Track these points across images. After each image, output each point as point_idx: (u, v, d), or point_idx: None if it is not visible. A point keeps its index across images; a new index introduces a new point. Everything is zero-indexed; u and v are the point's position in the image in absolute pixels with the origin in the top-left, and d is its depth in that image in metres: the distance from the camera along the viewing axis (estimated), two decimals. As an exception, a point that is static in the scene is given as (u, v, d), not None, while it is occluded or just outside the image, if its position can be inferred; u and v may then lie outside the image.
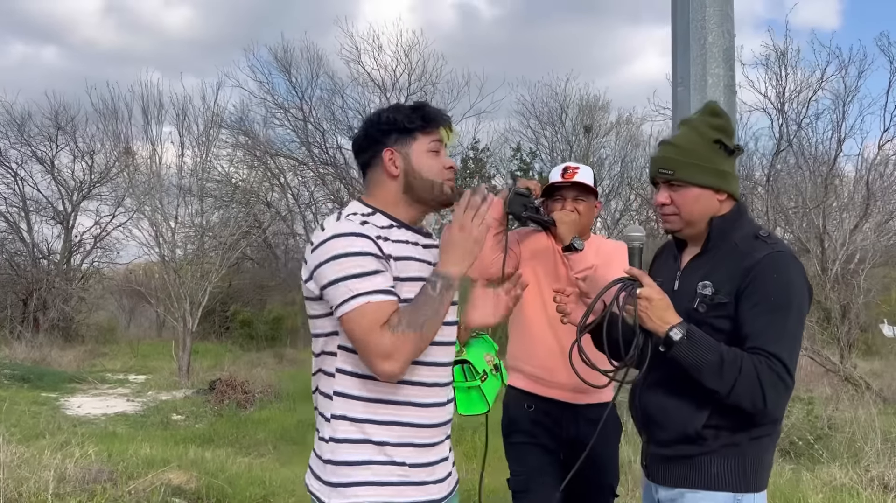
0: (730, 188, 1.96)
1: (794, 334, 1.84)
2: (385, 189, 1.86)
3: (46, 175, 20.56)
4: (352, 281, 1.68)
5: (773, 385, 1.78)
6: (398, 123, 1.84)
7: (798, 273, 1.87)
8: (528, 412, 2.75)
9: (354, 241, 1.71)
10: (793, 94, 13.11)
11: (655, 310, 1.86)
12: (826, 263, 11.66)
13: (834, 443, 5.61)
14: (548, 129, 19.02)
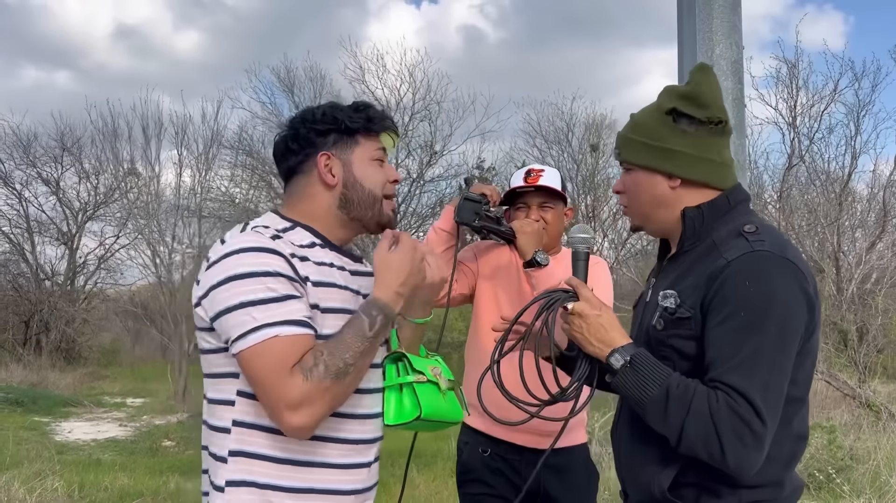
0: (678, 170, 1.50)
1: (773, 364, 1.34)
2: (315, 201, 1.53)
3: (51, 196, 20.56)
4: (255, 308, 1.33)
5: (733, 431, 1.31)
6: (339, 123, 1.53)
7: (784, 280, 1.37)
8: (483, 457, 2.34)
9: (261, 258, 1.37)
10: (804, 108, 12.81)
11: (592, 329, 1.47)
12: (841, 283, 11.29)
13: (856, 476, 5.24)
14: (554, 147, 18.80)
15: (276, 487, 1.39)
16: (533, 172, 2.39)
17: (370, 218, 1.55)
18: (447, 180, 18.22)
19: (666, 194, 1.53)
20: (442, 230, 2.30)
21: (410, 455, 1.85)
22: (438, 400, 1.54)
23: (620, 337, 1.47)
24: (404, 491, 1.80)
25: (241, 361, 1.35)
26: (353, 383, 1.39)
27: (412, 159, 17.86)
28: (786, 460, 1.46)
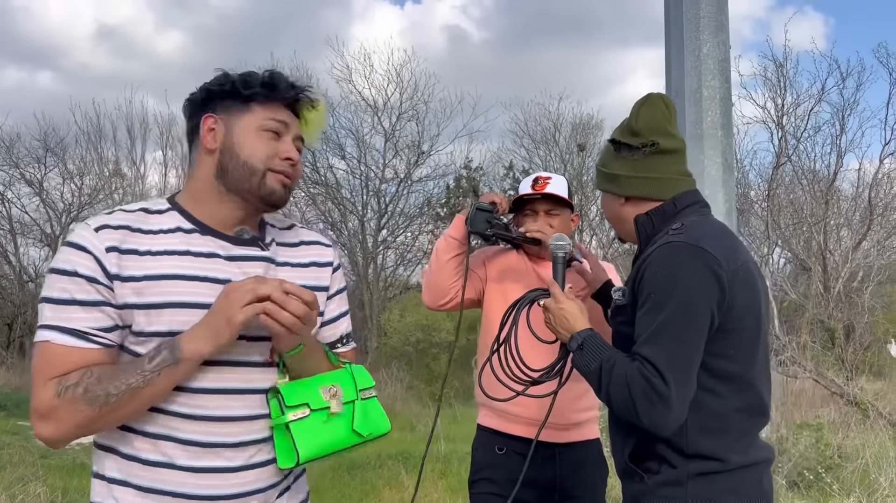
0: (620, 189, 1.80)
1: (677, 335, 1.55)
2: (199, 168, 1.44)
3: (35, 197, 20.34)
4: (48, 305, 1.30)
5: (643, 393, 1.55)
6: (231, 83, 1.42)
7: (689, 264, 1.58)
8: (497, 455, 2.37)
9: (69, 255, 1.31)
10: (791, 107, 12.87)
11: (557, 319, 1.79)
12: (828, 282, 11.35)
13: (845, 474, 5.25)
14: (541, 147, 18.84)
15: (122, 482, 1.35)
16: (540, 180, 2.47)
17: (248, 191, 1.41)
18: (434, 180, 18.21)
19: (618, 210, 1.83)
20: (453, 238, 2.38)
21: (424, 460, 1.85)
22: (324, 430, 1.39)
23: (580, 324, 1.76)
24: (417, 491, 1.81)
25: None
26: (113, 414, 1.28)
27: (399, 159, 17.83)
28: (735, 434, 1.64)
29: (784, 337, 8.41)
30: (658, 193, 1.77)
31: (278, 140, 1.45)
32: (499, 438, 2.39)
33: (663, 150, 1.77)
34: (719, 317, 1.59)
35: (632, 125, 1.80)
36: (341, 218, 17.81)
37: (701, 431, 1.60)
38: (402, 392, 10.55)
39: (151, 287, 1.32)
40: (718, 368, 1.61)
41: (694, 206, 1.77)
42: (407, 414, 9.29)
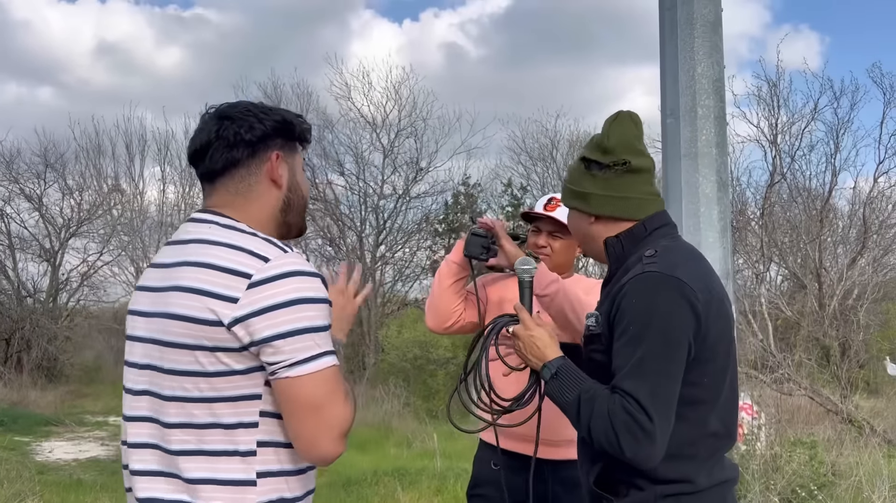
0: (590, 208, 1.78)
1: (658, 368, 1.56)
2: (264, 201, 1.49)
3: (34, 212, 20.39)
4: (318, 334, 1.36)
5: (626, 428, 1.54)
6: (292, 126, 1.52)
7: (666, 295, 1.59)
8: (493, 471, 2.42)
9: (318, 284, 1.38)
10: (785, 126, 12.98)
11: (527, 346, 1.75)
12: (823, 299, 11.40)
13: (839, 492, 5.27)
14: (539, 164, 18.93)
15: (298, 498, 1.44)
16: (554, 201, 2.51)
17: (295, 225, 1.57)
18: (433, 196, 18.29)
19: (588, 229, 1.81)
20: (454, 263, 2.44)
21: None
22: None
23: (552, 352, 1.72)
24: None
25: (298, 385, 1.34)
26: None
27: (398, 175, 17.91)
28: (703, 457, 1.66)
29: (779, 354, 8.45)
30: (629, 213, 1.76)
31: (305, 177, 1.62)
32: (494, 453, 2.40)
33: (634, 168, 1.75)
34: (695, 347, 1.60)
35: (603, 142, 1.77)
36: (340, 234, 17.87)
37: (670, 457, 1.60)
38: (399, 408, 10.55)
39: None
40: (690, 395, 1.62)
41: (664, 229, 1.77)
42: (403, 430, 9.29)
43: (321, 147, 18.22)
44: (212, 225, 1.46)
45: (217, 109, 1.52)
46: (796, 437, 6.00)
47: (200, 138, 1.50)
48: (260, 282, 1.34)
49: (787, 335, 11.10)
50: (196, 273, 1.38)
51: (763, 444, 5.85)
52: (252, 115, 1.49)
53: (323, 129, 18.24)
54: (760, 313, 9.53)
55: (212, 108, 1.53)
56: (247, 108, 1.51)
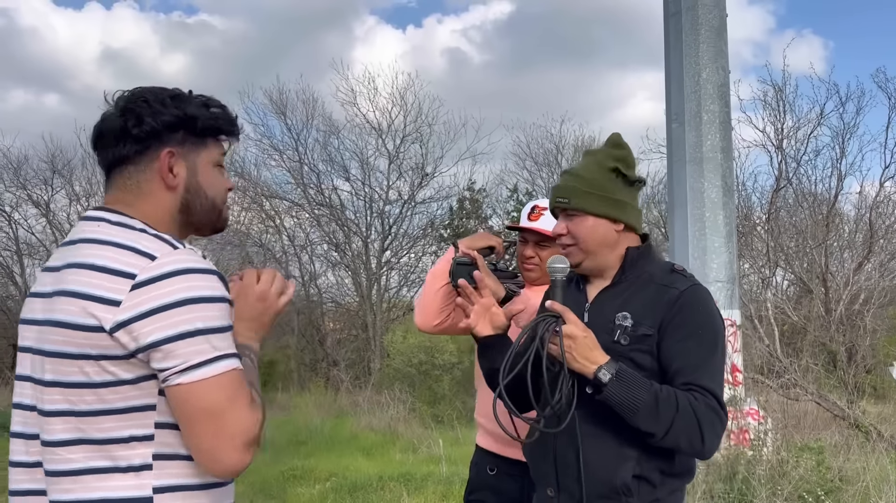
0: (627, 218, 1.87)
1: (722, 369, 1.79)
2: (155, 200, 1.37)
3: (41, 218, 20.50)
4: (215, 336, 1.25)
5: (710, 422, 1.69)
6: (194, 121, 1.38)
7: (715, 307, 1.84)
8: (489, 476, 2.45)
9: (213, 282, 1.27)
10: (791, 131, 12.97)
11: (581, 348, 1.70)
12: (830, 304, 11.36)
13: (846, 498, 5.25)
14: (544, 169, 18.94)
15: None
16: (537, 210, 2.49)
17: (206, 224, 1.46)
18: (438, 202, 18.32)
19: (612, 236, 1.87)
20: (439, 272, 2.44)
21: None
22: None
23: (602, 355, 1.72)
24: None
25: (193, 391, 1.22)
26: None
27: (403, 181, 17.97)
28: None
29: (785, 359, 8.42)
30: (640, 228, 1.94)
31: (222, 173, 1.48)
32: (492, 459, 2.46)
33: (641, 188, 1.94)
34: None
35: (629, 160, 1.91)
36: (345, 239, 17.90)
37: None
38: (405, 413, 10.54)
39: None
40: None
41: (655, 248, 1.98)
42: (409, 436, 9.28)
43: (327, 153, 18.29)
44: (101, 222, 1.34)
45: (122, 96, 1.40)
46: (803, 443, 5.98)
47: (97, 127, 1.41)
48: (145, 283, 1.22)
49: (793, 340, 11.07)
50: (78, 275, 1.26)
51: (769, 450, 5.83)
52: (147, 105, 1.36)
53: (329, 134, 18.32)
54: (766, 318, 9.50)
55: (124, 93, 1.41)
56: (144, 97, 1.38)
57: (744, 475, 5.41)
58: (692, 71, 7.84)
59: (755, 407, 6.65)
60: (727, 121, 8.00)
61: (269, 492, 6.69)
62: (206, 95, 1.45)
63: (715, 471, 5.54)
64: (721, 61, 7.98)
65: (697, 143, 7.71)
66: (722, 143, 7.80)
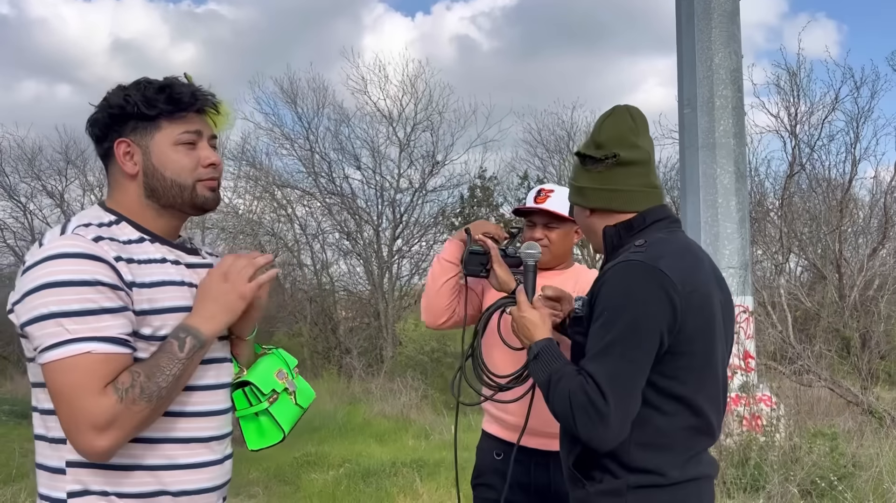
0: (586, 202, 1.82)
1: (622, 353, 1.59)
2: (124, 191, 1.45)
3: (56, 209, 20.65)
4: (69, 319, 1.27)
5: (581, 408, 1.59)
6: (135, 107, 1.41)
7: (644, 285, 1.61)
8: (495, 460, 2.49)
9: (81, 265, 1.29)
10: (805, 116, 12.84)
11: (520, 328, 1.83)
12: (843, 290, 11.29)
13: (859, 483, 5.24)
14: (555, 156, 18.86)
15: (124, 495, 1.36)
16: (543, 192, 2.52)
17: (182, 204, 1.47)
18: (449, 190, 18.30)
19: (586, 222, 1.87)
20: (447, 261, 2.48)
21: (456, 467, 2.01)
22: (292, 406, 1.60)
23: (540, 334, 1.78)
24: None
25: (47, 373, 1.29)
26: (163, 407, 1.36)
27: (414, 169, 17.95)
28: (678, 451, 1.68)
29: (798, 345, 8.39)
30: (623, 206, 1.78)
31: (195, 148, 1.47)
32: (497, 443, 2.50)
33: (625, 161, 1.76)
34: (669, 339, 1.62)
35: (595, 138, 1.82)
36: (357, 227, 17.93)
37: (643, 447, 1.65)
38: (417, 400, 10.59)
39: (156, 293, 1.39)
40: (666, 388, 1.65)
41: (663, 222, 1.79)
42: (422, 422, 9.34)
43: (338, 141, 18.30)
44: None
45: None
46: (816, 429, 5.97)
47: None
48: (27, 269, 1.32)
49: (806, 326, 11.02)
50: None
51: (782, 436, 5.83)
52: (99, 106, 1.44)
53: (339, 123, 18.32)
54: (780, 304, 9.47)
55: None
56: (104, 97, 1.46)
57: (756, 461, 5.41)
58: (704, 56, 7.77)
59: (768, 393, 6.64)
60: (740, 106, 7.93)
61: (284, 477, 6.76)
62: (170, 77, 1.48)
63: (727, 458, 5.55)
64: (734, 46, 7.91)
65: (710, 129, 7.66)
66: (735, 129, 7.75)
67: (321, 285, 18.00)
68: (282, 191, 18.51)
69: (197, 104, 1.46)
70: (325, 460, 7.31)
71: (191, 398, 1.43)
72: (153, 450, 1.38)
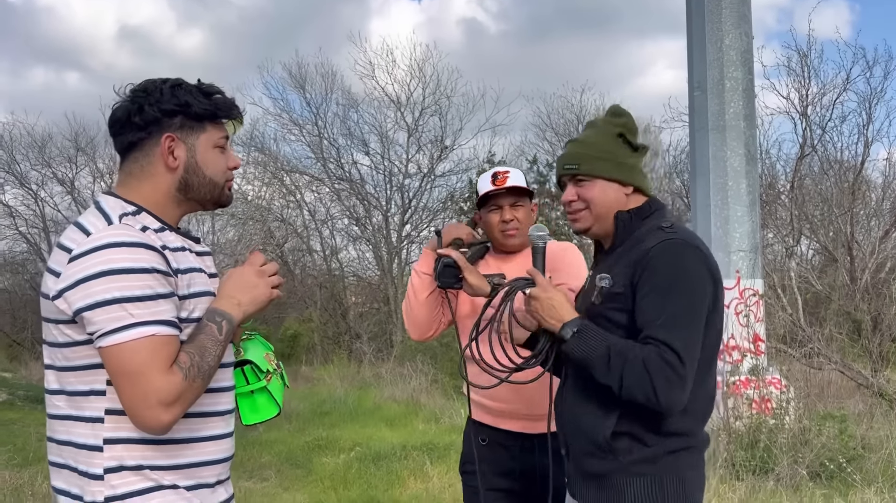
0: (635, 181, 1.92)
1: (689, 322, 1.72)
2: (155, 182, 1.53)
3: (66, 196, 20.79)
4: (132, 304, 1.37)
5: (662, 375, 1.66)
6: (190, 107, 1.52)
7: (692, 260, 1.77)
8: (481, 447, 2.52)
9: (137, 254, 1.39)
10: (816, 97, 12.71)
11: (545, 308, 1.83)
12: (855, 273, 11.22)
13: (868, 465, 5.25)
14: (564, 140, 18.77)
15: (158, 467, 1.45)
16: (499, 175, 2.54)
17: (208, 200, 1.60)
18: (457, 174, 18.29)
19: (621, 199, 1.91)
20: (426, 275, 2.49)
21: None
22: (281, 385, 1.73)
23: (568, 313, 1.81)
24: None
25: (111, 355, 1.37)
26: (207, 384, 1.47)
27: (423, 154, 17.94)
28: (700, 414, 1.84)
29: (808, 328, 8.37)
30: (648, 190, 1.97)
31: (225, 152, 1.61)
32: (483, 429, 2.53)
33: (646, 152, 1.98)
34: (709, 310, 1.77)
35: (631, 126, 1.96)
36: (366, 213, 17.96)
37: (682, 412, 1.75)
38: (427, 385, 10.65)
39: (191, 279, 1.50)
40: (700, 357, 1.76)
41: (663, 210, 1.94)
42: (432, 406, 9.39)
43: (346, 127, 18.29)
44: (92, 204, 1.53)
45: (130, 88, 1.56)
46: (826, 411, 5.97)
47: (109, 117, 1.56)
48: (77, 256, 1.39)
49: (817, 310, 10.98)
50: (52, 253, 1.48)
51: (792, 418, 5.83)
52: (147, 96, 1.52)
53: (348, 108, 18.29)
54: (790, 287, 9.43)
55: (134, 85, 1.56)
56: (146, 88, 1.53)
57: (765, 443, 5.42)
58: (714, 37, 7.70)
59: (777, 376, 6.64)
60: (750, 88, 7.87)
61: (295, 461, 6.83)
62: (207, 83, 1.59)
63: (736, 440, 5.56)
64: (744, 27, 7.83)
65: (720, 111, 7.61)
66: (745, 111, 7.69)
67: (331, 271, 18.07)
68: (290, 176, 18.55)
69: (233, 112, 1.60)
70: (335, 444, 7.38)
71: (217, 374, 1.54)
72: (181, 425, 1.46)
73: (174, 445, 1.47)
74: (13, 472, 5.06)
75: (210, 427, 1.53)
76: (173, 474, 1.47)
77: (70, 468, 1.47)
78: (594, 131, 1.97)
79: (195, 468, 1.50)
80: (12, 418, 9.76)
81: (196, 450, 1.50)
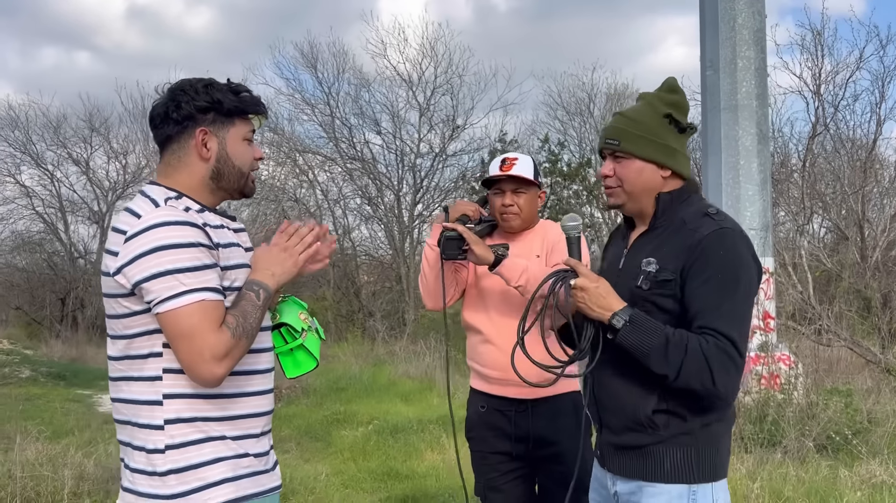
0: (675, 165, 1.90)
1: (742, 312, 1.79)
2: (191, 171, 1.73)
3: (82, 176, 21.03)
4: (183, 275, 1.56)
5: (721, 364, 1.72)
6: (221, 104, 1.72)
7: (746, 250, 1.82)
8: (481, 413, 2.72)
9: (183, 231, 1.59)
10: (829, 76, 12.68)
11: (593, 298, 1.82)
12: (866, 251, 11.27)
13: (874, 438, 5.38)
14: (576, 119, 18.77)
15: (204, 418, 1.64)
16: (507, 161, 2.68)
17: (235, 189, 1.78)
18: (469, 154, 18.33)
19: (657, 182, 1.90)
20: (437, 246, 2.62)
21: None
22: (316, 339, 1.92)
23: (617, 302, 1.81)
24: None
25: (168, 319, 1.56)
26: (252, 343, 1.66)
27: (434, 133, 17.98)
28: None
29: (818, 306, 8.46)
30: (688, 174, 1.95)
31: (251, 145, 1.80)
32: (482, 397, 2.72)
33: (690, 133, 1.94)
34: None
35: (683, 105, 1.92)
36: (378, 192, 18.07)
37: None
38: (441, 362, 10.83)
39: (230, 253, 1.70)
40: None
41: (698, 193, 1.96)
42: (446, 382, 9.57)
43: (358, 106, 18.34)
44: (138, 193, 1.71)
45: (168, 87, 1.76)
46: (833, 386, 6.09)
47: (150, 113, 1.76)
48: (132, 236, 1.58)
49: (827, 287, 11.05)
50: (109, 236, 1.67)
51: (800, 393, 5.96)
52: (183, 94, 1.71)
53: (359, 87, 18.33)
54: (801, 265, 9.51)
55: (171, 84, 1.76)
56: (182, 87, 1.72)
57: (773, 418, 5.56)
58: (727, 16, 7.71)
59: (787, 352, 6.75)
60: (763, 67, 7.89)
61: (315, 434, 7.03)
62: (236, 83, 1.79)
63: (745, 414, 5.70)
64: (757, 5, 7.83)
65: (732, 91, 7.65)
66: (757, 90, 7.72)
67: (343, 250, 18.23)
68: (303, 156, 18.67)
69: (259, 109, 1.78)
70: (353, 418, 7.58)
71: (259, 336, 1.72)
72: (228, 381, 1.64)
73: (224, 399, 1.66)
74: (45, 444, 5.26)
75: (254, 383, 1.71)
76: (223, 425, 1.66)
77: (132, 423, 1.66)
78: (642, 106, 1.93)
79: (243, 419, 1.69)
80: (37, 394, 10.04)
81: (243, 404, 1.69)
